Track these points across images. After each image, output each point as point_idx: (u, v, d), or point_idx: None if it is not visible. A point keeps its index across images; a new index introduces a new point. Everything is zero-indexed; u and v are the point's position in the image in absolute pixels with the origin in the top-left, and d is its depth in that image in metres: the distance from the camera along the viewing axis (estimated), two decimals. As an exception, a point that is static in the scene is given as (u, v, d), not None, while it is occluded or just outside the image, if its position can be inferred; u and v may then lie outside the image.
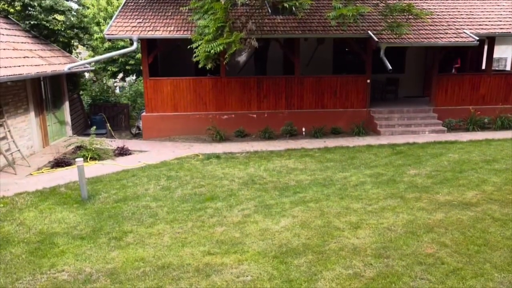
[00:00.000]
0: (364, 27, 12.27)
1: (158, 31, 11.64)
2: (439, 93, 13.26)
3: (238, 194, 7.59)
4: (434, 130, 12.43)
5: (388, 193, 7.43)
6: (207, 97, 12.66)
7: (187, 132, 12.64)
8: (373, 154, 10.21)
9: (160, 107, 12.58)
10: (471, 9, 14.01)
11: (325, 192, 7.58)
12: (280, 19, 12.66)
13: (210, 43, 9.92)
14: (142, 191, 7.81)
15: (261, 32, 11.45)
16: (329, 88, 12.99)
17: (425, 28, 12.44)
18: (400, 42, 11.42)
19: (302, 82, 12.88)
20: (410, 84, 15.93)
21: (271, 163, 9.60)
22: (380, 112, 13.09)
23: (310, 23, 12.52)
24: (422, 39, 11.74)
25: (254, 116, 12.86)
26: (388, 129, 12.49)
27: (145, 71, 12.32)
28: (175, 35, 11.49)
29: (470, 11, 13.88)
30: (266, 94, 12.81)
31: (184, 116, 12.65)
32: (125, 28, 11.67)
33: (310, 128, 12.62)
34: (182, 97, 12.59)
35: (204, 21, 10.25)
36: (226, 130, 12.49)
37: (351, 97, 13.07)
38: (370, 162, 9.56)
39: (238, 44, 9.72)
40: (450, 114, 13.15)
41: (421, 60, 16.07)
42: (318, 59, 15.35)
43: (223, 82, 12.64)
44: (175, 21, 12.35)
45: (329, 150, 10.74)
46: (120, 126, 15.41)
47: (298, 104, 12.97)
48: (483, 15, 13.57)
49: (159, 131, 12.59)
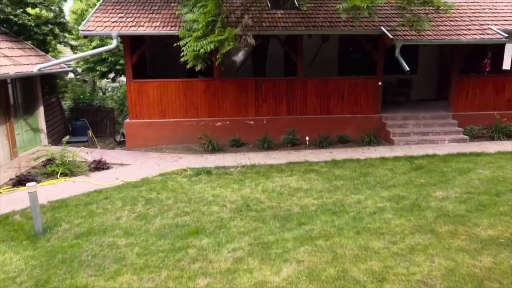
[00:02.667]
0: (376, 23, 10.84)
1: (142, 27, 10.20)
2: (459, 96, 11.83)
3: (229, 225, 6.17)
4: (454, 139, 11.00)
5: (415, 225, 6.02)
6: (199, 101, 11.24)
7: (176, 141, 11.23)
8: (388, 170, 8.79)
9: (146, 113, 11.15)
10: (494, 3, 12.58)
11: (337, 223, 6.16)
12: (281, 14, 11.23)
13: (199, 40, 8.50)
14: (112, 220, 6.39)
15: (259, 28, 10.03)
16: (335, 91, 11.57)
17: (445, 24, 11.00)
18: (418, 40, 9.99)
19: (305, 84, 11.45)
20: (423, 86, 14.50)
21: (270, 181, 8.18)
22: (393, 118, 11.67)
23: (315, 18, 11.09)
24: (443, 36, 10.29)
25: (252, 122, 11.43)
26: (403, 138, 11.07)
27: (128, 73, 10.88)
28: (161, 32, 10.06)
29: (493, 5, 12.45)
30: (265, 98, 11.39)
31: (173, 123, 11.22)
32: (104, 23, 10.23)
33: (314, 136, 11.20)
34: (170, 101, 11.16)
35: (193, 15, 8.83)
36: (219, 138, 11.08)
37: (361, 102, 11.65)
38: (387, 180, 8.13)
39: (232, 42, 8.30)
40: (471, 120, 11.72)
41: (435, 60, 14.63)
42: (322, 59, 13.92)
43: (216, 85, 11.21)
44: (163, 15, 10.92)
45: (337, 163, 9.32)
46: (104, 132, 13.99)
47: (301, 109, 11.54)
48: (508, 9, 12.14)
49: (145, 140, 11.17)
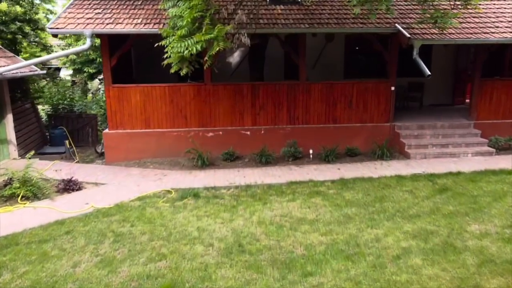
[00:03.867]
0: (390, 19, 9.50)
1: (120, 24, 8.84)
2: (481, 102, 10.48)
3: (215, 276, 4.83)
4: (479, 152, 9.66)
5: (454, 277, 4.68)
6: (188, 109, 9.89)
7: (161, 154, 9.88)
8: (408, 192, 7.45)
9: (128, 122, 9.80)
10: (519, -2, 11.24)
11: (352, 273, 4.82)
12: (281, 10, 9.88)
13: (184, 40, 7.16)
14: (67, 268, 5.05)
15: (256, 25, 8.68)
16: (343, 97, 10.22)
17: (467, 21, 9.65)
18: (440, 39, 8.64)
19: (308, 89, 10.10)
20: (437, 90, 13.15)
21: (268, 209, 6.84)
22: (408, 127, 10.33)
23: (319, 14, 9.74)
24: (468, 35, 8.95)
25: (248, 133, 10.09)
26: (419, 151, 9.72)
27: (106, 76, 9.53)
28: (142, 30, 8.70)
29: (519, 0, 11.12)
30: (263, 105, 10.05)
31: (158, 134, 9.88)
32: (77, 20, 8.88)
33: (319, 148, 9.86)
34: (155, 109, 9.81)
35: (177, 10, 7.48)
36: (211, 151, 9.73)
37: (371, 109, 10.30)
38: (408, 207, 6.80)
39: (223, 42, 6.95)
40: (496, 129, 10.37)
41: (450, 61, 13.28)
42: (326, 60, 12.57)
43: (207, 90, 9.86)
44: (146, 11, 9.57)
45: (346, 183, 7.98)
46: (86, 141, 12.60)
47: (303, 117, 10.20)
48: (537, 4, 10.81)
49: (126, 153, 9.82)
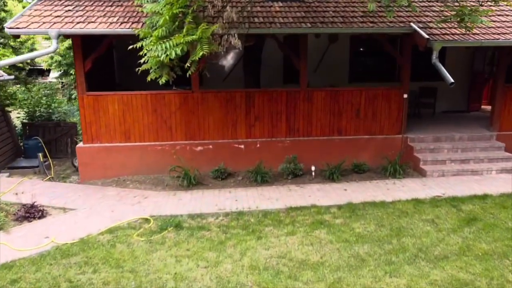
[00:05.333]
0: (403, 18, 8.32)
1: (93, 23, 7.66)
2: (505, 111, 9.31)
3: None
4: (504, 169, 8.47)
5: None
6: (173, 119, 8.72)
7: (144, 171, 8.71)
8: (429, 223, 6.27)
9: (105, 134, 8.63)
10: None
11: None
12: (279, 7, 8.71)
13: (163, 42, 5.99)
14: None
15: (250, 25, 7.51)
16: (349, 105, 9.04)
17: (492, 19, 8.43)
18: (463, 40, 7.45)
19: (310, 97, 8.93)
20: (451, 95, 11.96)
21: (262, 246, 5.67)
22: (422, 140, 9.14)
23: (323, 12, 8.56)
24: (495, 35, 7.77)
25: (242, 146, 8.92)
26: (437, 167, 8.54)
27: (79, 82, 8.35)
28: (118, 30, 7.51)
29: (546, -4, 9.93)
30: (258, 115, 8.87)
31: (140, 148, 8.70)
32: (43, 19, 7.71)
33: (322, 164, 8.69)
34: (136, 120, 8.64)
35: (155, 5, 6.31)
36: (200, 167, 8.57)
37: (381, 119, 9.12)
38: (431, 244, 5.62)
39: (207, 45, 5.78)
40: (521, 142, 9.24)
41: (465, 64, 12.10)
42: (330, 63, 11.40)
43: (196, 98, 8.69)
44: (124, 9, 8.41)
45: (355, 210, 6.80)
46: (64, 153, 11.43)
47: (304, 129, 9.02)
48: None
49: (104, 170, 8.65)
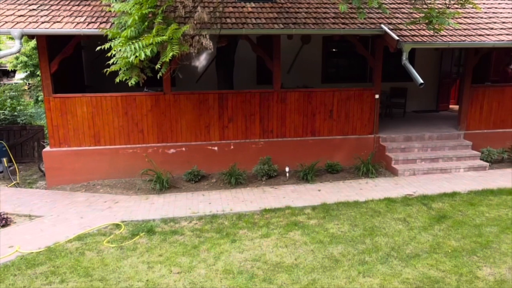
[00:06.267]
0: (374, 20, 8.44)
1: (59, 23, 7.40)
2: (472, 111, 9.58)
3: None
4: (472, 167, 8.73)
5: None
6: (145, 122, 8.53)
7: (115, 174, 8.49)
8: (401, 222, 6.37)
9: (73, 138, 8.35)
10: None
11: None
12: (251, 7, 8.67)
13: (131, 42, 5.84)
14: None
15: (222, 25, 7.43)
16: (322, 106, 9.09)
17: (459, 21, 8.67)
18: (431, 42, 7.61)
19: (284, 98, 8.92)
20: (421, 95, 12.26)
21: (237, 249, 5.60)
22: (394, 139, 9.30)
23: (295, 13, 8.58)
24: (462, 37, 7.98)
25: (215, 148, 8.82)
26: (408, 166, 8.71)
27: (45, 84, 8.05)
28: (84, 30, 7.27)
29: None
30: (232, 117, 8.80)
31: (110, 151, 8.47)
32: (5, 18, 7.38)
33: (296, 165, 8.72)
34: (106, 122, 8.40)
35: (123, 5, 6.14)
36: (173, 170, 8.45)
37: (353, 119, 9.22)
38: (404, 243, 5.70)
39: (177, 46, 5.67)
40: (487, 140, 9.53)
41: (433, 65, 12.42)
42: (303, 63, 11.48)
43: (168, 100, 8.53)
44: (92, 8, 8.17)
45: (329, 210, 6.83)
46: (31, 157, 11.02)
47: (278, 130, 9.02)
48: (528, 4, 10.01)
49: (72, 174, 8.37)
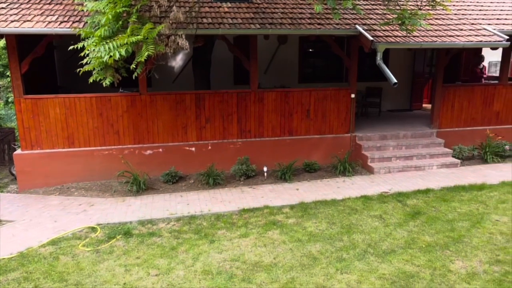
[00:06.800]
0: (349, 20, 8.56)
1: (29, 22, 7.20)
2: (444, 109, 9.85)
3: None
4: (444, 164, 8.97)
5: None
6: (121, 123, 8.39)
7: (90, 177, 8.32)
8: (377, 219, 6.49)
9: (46, 140, 8.14)
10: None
11: None
12: (227, 7, 8.65)
13: (106, 42, 5.74)
14: None
15: (198, 25, 7.39)
16: (299, 105, 9.16)
17: (430, 23, 8.91)
18: (405, 42, 7.79)
19: (261, 98, 8.95)
20: (395, 95, 12.52)
21: (215, 250, 5.58)
22: (369, 138, 9.47)
23: (272, 13, 8.62)
24: (433, 38, 8.19)
25: (193, 149, 8.76)
26: (383, 164, 8.88)
27: (15, 85, 7.80)
28: (56, 29, 7.09)
29: (477, 1, 10.64)
30: (209, 117, 8.76)
31: (85, 154, 8.29)
32: (-28, 16, 7.16)
33: (274, 164, 8.76)
34: (80, 124, 8.22)
35: (97, 4, 6.03)
36: (150, 172, 8.35)
37: (330, 118, 9.33)
38: (380, 239, 5.81)
39: (153, 45, 5.61)
40: (459, 138, 9.81)
41: (408, 65, 12.71)
42: (280, 64, 11.55)
43: (144, 101, 8.42)
44: (64, 7, 7.98)
45: (307, 209, 6.89)
46: (1, 160, 10.69)
47: (256, 130, 9.03)
48: (496, 7, 10.36)
49: (45, 177, 8.15)
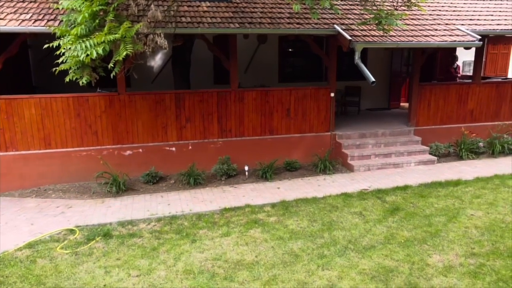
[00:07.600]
0: (327, 20, 8.66)
1: (1, 20, 7.01)
2: (420, 108, 10.07)
3: None
4: (421, 161, 9.17)
5: None
6: (99, 123, 8.26)
7: (68, 179, 8.16)
8: (357, 215, 6.59)
9: (21, 141, 7.94)
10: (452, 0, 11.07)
11: None
12: (206, 7, 8.63)
13: (82, 41, 5.64)
14: None
15: (177, 24, 7.34)
16: (279, 105, 9.21)
17: (406, 23, 9.10)
18: (382, 42, 7.93)
19: (241, 97, 8.96)
20: (374, 94, 12.73)
21: (197, 249, 5.55)
22: (349, 136, 9.59)
23: (251, 12, 8.64)
24: (409, 38, 8.37)
25: (173, 149, 8.70)
26: (363, 162, 9.01)
27: (-12, 86, 7.63)
28: (30, 28, 6.94)
29: (451, 2, 10.93)
30: (189, 117, 8.71)
31: (62, 155, 8.13)
32: None
33: (255, 164, 8.78)
34: (57, 124, 8.05)
35: (72, 1, 5.92)
36: (130, 172, 8.24)
37: (310, 117, 9.41)
38: (360, 235, 5.90)
39: (131, 44, 5.55)
40: (435, 135, 10.05)
41: (385, 64, 12.95)
42: (259, 63, 11.58)
43: (122, 101, 8.31)
44: (38, 5, 7.81)
45: (289, 207, 6.93)
46: (-26, 163, 10.35)
47: (236, 129, 9.04)
48: (469, 7, 10.66)
49: (21, 180, 7.95)
